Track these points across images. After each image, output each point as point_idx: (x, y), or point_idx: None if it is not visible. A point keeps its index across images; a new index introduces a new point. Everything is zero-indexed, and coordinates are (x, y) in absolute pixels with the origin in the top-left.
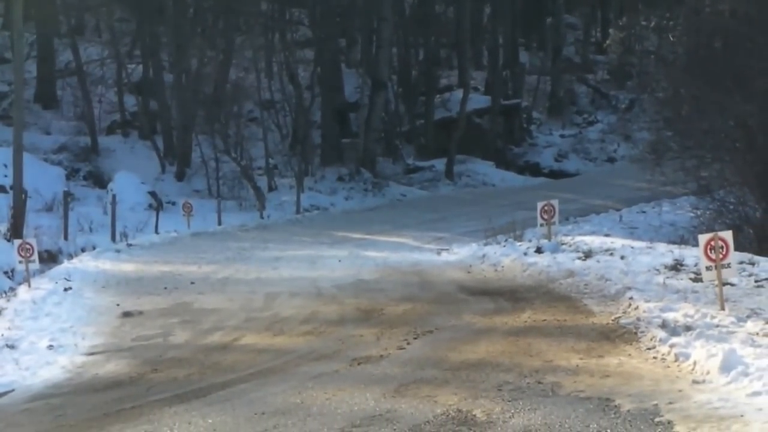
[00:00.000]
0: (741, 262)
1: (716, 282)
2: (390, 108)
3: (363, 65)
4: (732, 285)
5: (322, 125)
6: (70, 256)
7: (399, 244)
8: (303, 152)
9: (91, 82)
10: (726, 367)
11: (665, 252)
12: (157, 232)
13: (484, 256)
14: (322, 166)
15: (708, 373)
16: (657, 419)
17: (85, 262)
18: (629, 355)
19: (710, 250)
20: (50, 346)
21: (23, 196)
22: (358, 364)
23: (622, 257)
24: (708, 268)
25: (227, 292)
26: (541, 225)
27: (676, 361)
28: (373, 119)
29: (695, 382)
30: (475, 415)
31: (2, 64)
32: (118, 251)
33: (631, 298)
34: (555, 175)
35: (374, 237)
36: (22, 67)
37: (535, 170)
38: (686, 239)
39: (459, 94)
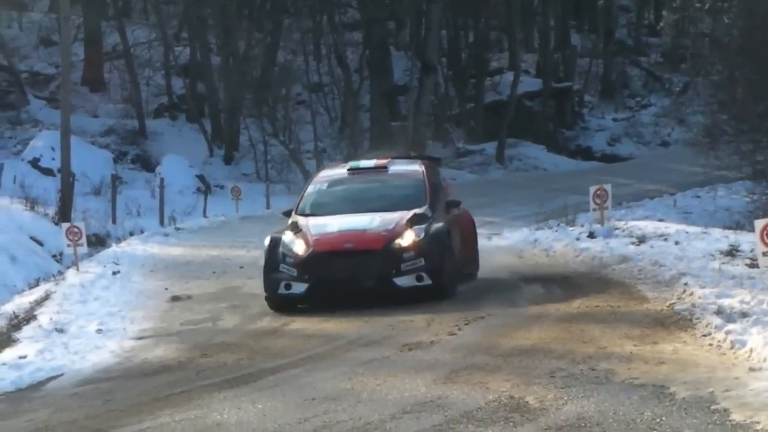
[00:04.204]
0: None
1: None
2: (440, 91)
3: (412, 48)
4: None
5: (371, 108)
6: (119, 240)
7: None
8: (352, 135)
9: (138, 64)
10: None
11: (720, 237)
12: (205, 215)
13: (535, 241)
14: (371, 149)
15: (765, 360)
16: (713, 407)
17: (133, 246)
18: (684, 341)
19: (767, 235)
20: (99, 330)
21: (71, 179)
22: (409, 350)
23: (677, 242)
24: (765, 254)
25: None
26: (594, 210)
27: (732, 348)
28: (423, 102)
29: (752, 369)
30: (527, 402)
31: (49, 46)
32: (166, 235)
33: (685, 284)
34: (607, 159)
35: None
36: (69, 49)
37: (587, 154)
38: (742, 224)
39: (509, 77)
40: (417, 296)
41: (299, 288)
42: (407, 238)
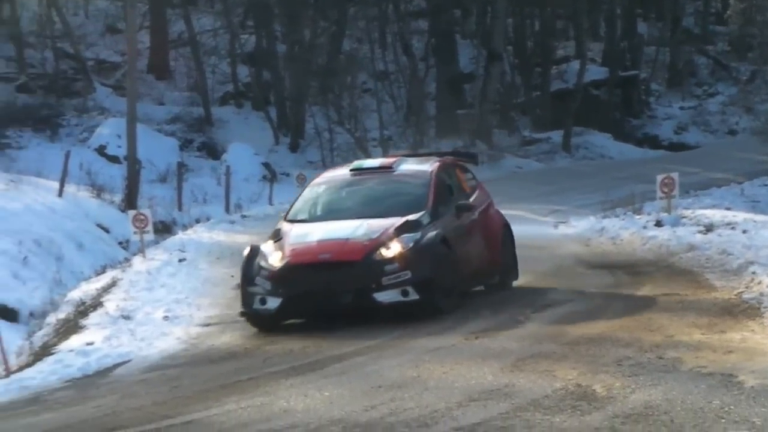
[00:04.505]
0: None
1: None
2: (505, 79)
3: (478, 36)
4: None
5: (437, 96)
6: (185, 227)
7: (515, 217)
8: (418, 124)
9: (203, 52)
10: None
11: None
12: (271, 203)
13: (602, 229)
14: (437, 137)
15: None
16: None
17: (199, 233)
18: (752, 330)
19: None
20: (165, 317)
21: (137, 166)
22: (475, 338)
23: (744, 231)
24: None
25: None
26: (661, 198)
27: None
28: (489, 91)
29: None
30: (594, 390)
31: (115, 34)
32: (232, 222)
33: (754, 273)
34: (674, 147)
35: None
36: (135, 37)
37: (653, 143)
38: None
39: (576, 65)
40: (402, 313)
41: (274, 303)
42: (392, 248)
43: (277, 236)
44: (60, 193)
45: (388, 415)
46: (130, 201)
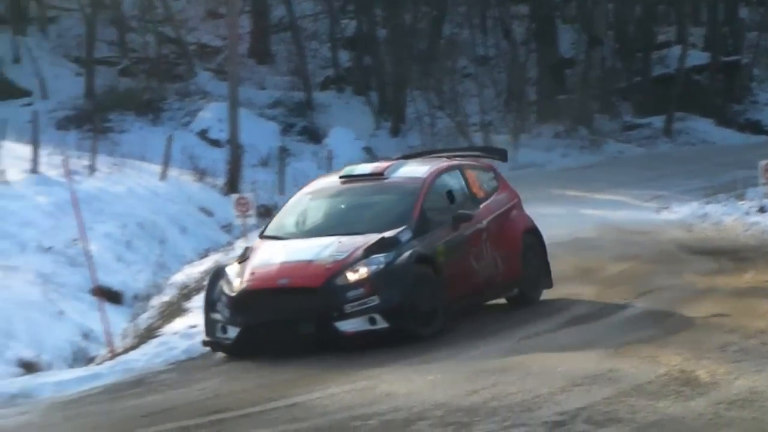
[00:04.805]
0: None
1: None
2: (606, 64)
3: (579, 21)
4: None
5: (538, 81)
6: None
7: (617, 202)
8: (518, 109)
9: (304, 37)
10: None
11: None
12: None
13: (705, 215)
14: (537, 122)
15: None
16: None
17: None
18: None
19: None
20: None
21: (239, 151)
22: (578, 323)
23: None
24: None
25: None
26: (763, 184)
27: None
28: (590, 76)
29: None
30: (698, 376)
31: (216, 18)
32: None
33: None
34: None
35: (591, 195)
36: (236, 21)
37: (756, 128)
38: None
39: (677, 50)
40: (371, 343)
41: (233, 333)
42: (359, 272)
43: (243, 256)
44: (163, 177)
45: (490, 400)
46: (232, 185)
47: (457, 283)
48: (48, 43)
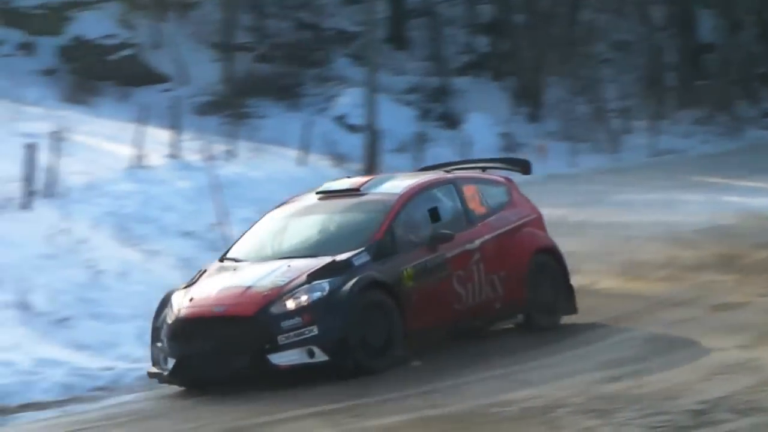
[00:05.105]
0: None
1: None
2: (747, 49)
3: (719, 5)
4: None
5: (677, 67)
6: None
7: (758, 189)
8: (657, 94)
9: (441, 22)
10: None
11: None
12: None
13: None
14: (677, 108)
15: None
16: None
17: None
18: None
19: None
20: None
21: (377, 136)
22: (719, 310)
23: None
24: None
25: (582, 235)
26: None
27: None
28: (730, 61)
29: None
30: None
31: (353, 4)
32: None
33: None
34: None
35: (731, 182)
36: (373, 7)
37: None
38: None
39: None
40: (307, 376)
41: (170, 364)
42: (299, 299)
43: (191, 281)
44: (301, 162)
45: (632, 387)
46: (370, 170)
47: (431, 309)
48: (187, 29)
